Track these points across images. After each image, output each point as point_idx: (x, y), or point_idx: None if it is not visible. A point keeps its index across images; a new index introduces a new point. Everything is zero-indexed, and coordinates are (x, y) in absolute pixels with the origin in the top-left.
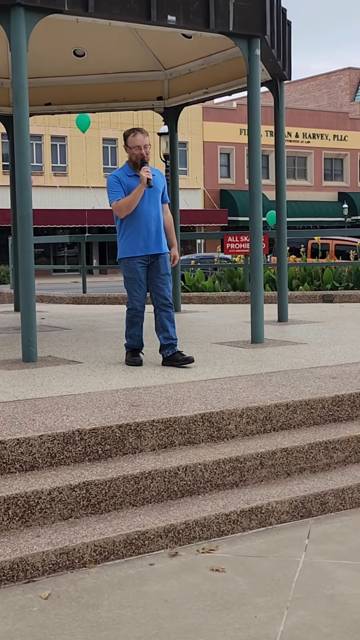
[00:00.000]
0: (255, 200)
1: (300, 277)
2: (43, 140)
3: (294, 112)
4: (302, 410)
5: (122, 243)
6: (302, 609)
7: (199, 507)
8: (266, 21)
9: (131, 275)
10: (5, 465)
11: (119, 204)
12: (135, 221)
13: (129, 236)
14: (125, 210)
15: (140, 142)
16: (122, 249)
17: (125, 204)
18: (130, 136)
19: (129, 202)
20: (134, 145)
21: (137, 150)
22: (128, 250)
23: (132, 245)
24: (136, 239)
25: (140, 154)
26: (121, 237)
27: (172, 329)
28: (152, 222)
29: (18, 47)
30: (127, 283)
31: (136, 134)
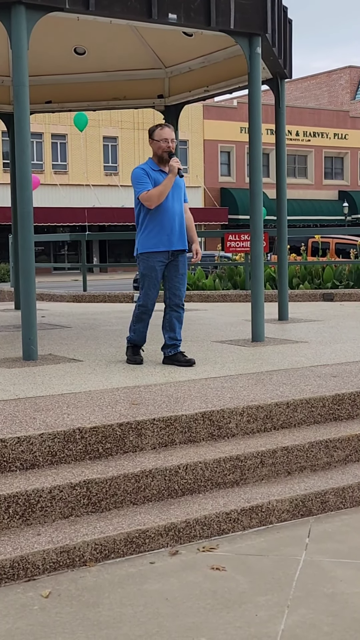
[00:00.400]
0: (255, 199)
1: (301, 276)
2: (43, 138)
3: (295, 110)
4: (302, 408)
5: (144, 237)
6: (303, 607)
7: (200, 505)
8: (267, 19)
9: (149, 273)
10: (5, 463)
11: (149, 194)
12: (160, 216)
13: (152, 230)
14: (156, 200)
15: (167, 135)
16: (144, 243)
17: (156, 193)
18: (158, 129)
19: (160, 192)
20: (161, 138)
21: (164, 142)
22: (151, 245)
23: (155, 239)
24: (160, 233)
25: (167, 147)
26: (142, 232)
27: (179, 330)
28: (176, 218)
29: (19, 45)
30: (143, 279)
31: (163, 127)
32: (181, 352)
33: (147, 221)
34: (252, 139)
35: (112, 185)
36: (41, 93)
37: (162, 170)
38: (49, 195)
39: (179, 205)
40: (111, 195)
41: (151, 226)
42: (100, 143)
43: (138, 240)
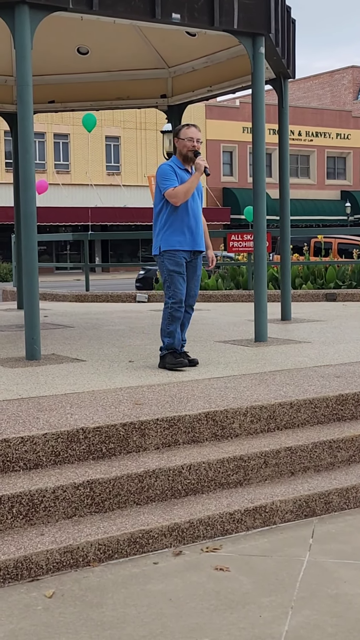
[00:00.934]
0: (258, 199)
1: (304, 276)
2: (46, 138)
3: (297, 110)
4: (306, 409)
5: (166, 235)
6: (307, 608)
7: (203, 506)
8: (271, 19)
9: (177, 269)
10: (9, 463)
11: (176, 190)
12: (184, 215)
13: (176, 229)
14: (183, 197)
15: (193, 134)
16: (167, 241)
17: (183, 190)
18: (184, 129)
19: (187, 189)
20: (186, 137)
21: (190, 141)
22: (175, 243)
23: (179, 238)
24: (184, 232)
25: (192, 145)
26: (165, 230)
27: (185, 331)
28: (197, 219)
29: (22, 44)
30: (170, 276)
31: (190, 126)
32: (185, 352)
33: (171, 220)
34: (256, 138)
35: (114, 185)
36: (44, 93)
37: (186, 170)
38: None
39: (198, 207)
40: (113, 195)
41: (176, 224)
42: (102, 143)
43: (161, 238)
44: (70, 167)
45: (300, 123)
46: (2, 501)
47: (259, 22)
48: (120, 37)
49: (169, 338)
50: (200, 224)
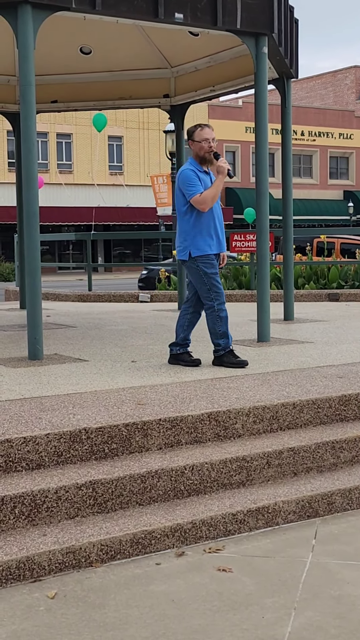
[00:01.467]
0: (261, 198)
1: (306, 276)
2: (48, 138)
3: (300, 110)
4: (308, 409)
5: (196, 241)
6: (310, 609)
7: (206, 506)
8: (274, 19)
9: (214, 271)
10: (11, 463)
11: (203, 196)
12: (210, 219)
13: (204, 233)
14: (210, 202)
15: (208, 135)
16: (198, 246)
17: (211, 196)
18: (198, 130)
19: (214, 194)
20: (202, 139)
21: (206, 143)
22: (206, 248)
23: (208, 241)
24: (211, 236)
25: (209, 147)
26: (195, 235)
27: (191, 331)
28: (221, 221)
29: (25, 44)
30: (208, 279)
31: (203, 127)
32: (188, 352)
33: (199, 224)
34: (259, 138)
35: (117, 185)
36: (47, 92)
37: (205, 171)
38: (54, 194)
39: (219, 208)
40: (116, 195)
41: (204, 229)
42: (105, 142)
43: (190, 244)
44: (73, 166)
45: (302, 123)
46: (4, 501)
47: (261, 22)
48: (123, 36)
49: (224, 339)
50: (222, 226)
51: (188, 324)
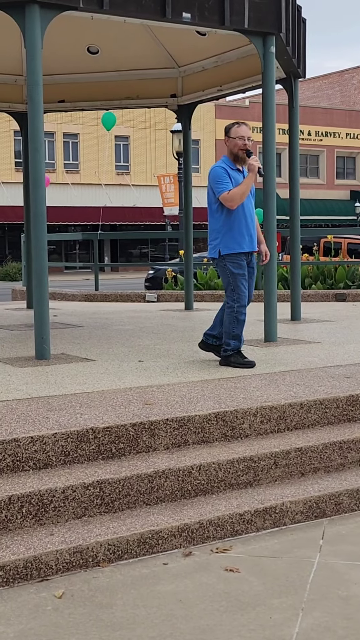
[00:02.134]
0: (269, 198)
1: (313, 276)
2: (55, 138)
3: (307, 110)
4: (316, 409)
5: (226, 239)
6: (317, 610)
7: (213, 506)
8: (281, 18)
9: (240, 271)
10: (19, 463)
11: (231, 194)
12: (241, 217)
13: (235, 232)
14: (239, 200)
15: (244, 133)
16: (227, 244)
17: (239, 193)
18: (235, 127)
19: (243, 192)
20: (237, 135)
21: (241, 140)
22: (235, 246)
23: (239, 240)
24: (243, 234)
25: (243, 144)
26: (225, 233)
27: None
28: (252, 220)
29: (33, 44)
30: (234, 279)
31: (240, 125)
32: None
33: (230, 222)
34: (266, 138)
35: (123, 185)
36: (54, 92)
37: (238, 169)
38: (60, 194)
39: (252, 206)
40: (123, 195)
41: (234, 227)
42: (112, 142)
43: (220, 242)
44: (80, 166)
45: (309, 123)
46: (11, 501)
47: (269, 22)
48: (130, 36)
49: (235, 341)
50: (255, 224)
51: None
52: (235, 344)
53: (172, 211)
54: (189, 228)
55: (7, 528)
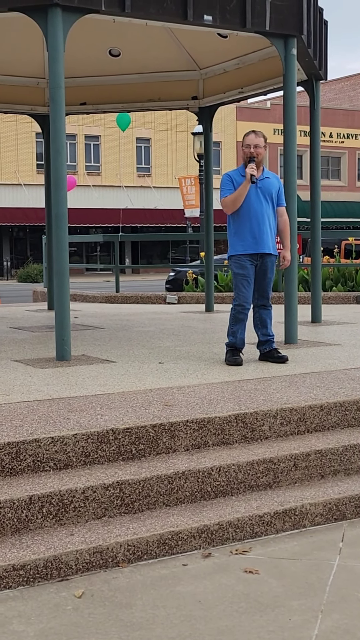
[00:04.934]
0: (289, 200)
1: (334, 278)
2: (77, 140)
3: (328, 111)
4: (336, 411)
5: (233, 241)
6: (337, 612)
7: (233, 508)
8: (303, 20)
9: (241, 272)
10: (39, 463)
11: (225, 200)
12: (247, 220)
13: (240, 234)
14: (231, 206)
15: (250, 142)
16: (233, 246)
17: (231, 199)
18: (245, 136)
19: (235, 198)
20: (245, 145)
21: (247, 148)
22: (239, 248)
23: (243, 242)
24: (247, 237)
25: (249, 152)
26: (233, 235)
27: (270, 326)
28: (263, 222)
29: (55, 47)
30: (236, 279)
31: (249, 134)
32: (275, 349)
33: (236, 225)
34: (287, 140)
35: (145, 187)
36: (76, 94)
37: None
38: (82, 196)
39: (268, 209)
40: (144, 197)
41: (239, 230)
42: (133, 144)
43: (229, 243)
44: (101, 168)
45: (331, 124)
46: (32, 501)
47: (291, 24)
48: (151, 38)
49: (232, 337)
50: (269, 227)
51: (258, 321)
52: (232, 340)
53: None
54: (209, 230)
55: (28, 528)
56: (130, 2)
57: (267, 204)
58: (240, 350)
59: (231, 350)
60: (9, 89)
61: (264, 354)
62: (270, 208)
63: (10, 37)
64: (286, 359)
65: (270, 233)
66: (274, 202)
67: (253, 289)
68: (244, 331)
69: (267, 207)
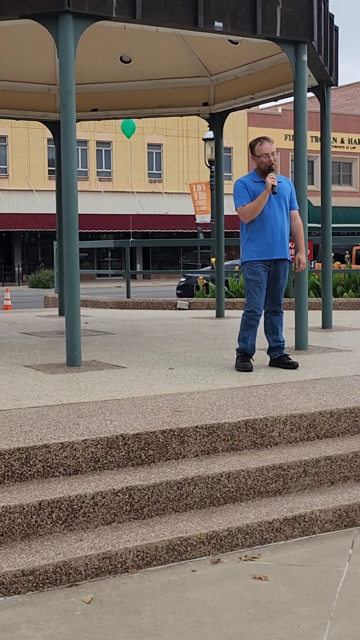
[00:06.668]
0: (301, 206)
1: (345, 284)
2: (88, 146)
3: (340, 117)
4: (346, 418)
5: (247, 247)
6: (346, 619)
7: (242, 514)
8: (313, 27)
9: (254, 278)
10: (49, 468)
11: (244, 209)
12: (261, 226)
13: (254, 240)
14: (250, 215)
15: (267, 150)
16: (247, 252)
17: (250, 209)
18: (257, 145)
19: (254, 208)
20: (261, 154)
21: (266, 158)
22: (253, 254)
23: (256, 249)
24: (261, 243)
25: (268, 162)
26: (246, 241)
27: (281, 332)
28: (277, 228)
29: (66, 54)
30: (248, 285)
31: (263, 142)
32: (286, 355)
33: (250, 231)
34: (298, 146)
35: (156, 193)
36: (87, 101)
37: (263, 182)
38: (93, 202)
39: (282, 214)
40: (155, 202)
41: (254, 236)
42: (144, 150)
43: (243, 249)
44: (113, 174)
45: (342, 130)
46: (42, 506)
47: (301, 30)
48: (162, 45)
49: (242, 343)
50: (283, 232)
51: (270, 327)
52: (242, 345)
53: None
54: (220, 236)
55: (37, 533)
56: (141, 9)
57: (280, 209)
58: (250, 356)
59: (241, 356)
60: (20, 96)
61: (275, 359)
62: (285, 213)
63: (21, 44)
64: (296, 365)
65: (284, 238)
66: (287, 206)
67: (265, 295)
68: (255, 337)
69: (281, 212)
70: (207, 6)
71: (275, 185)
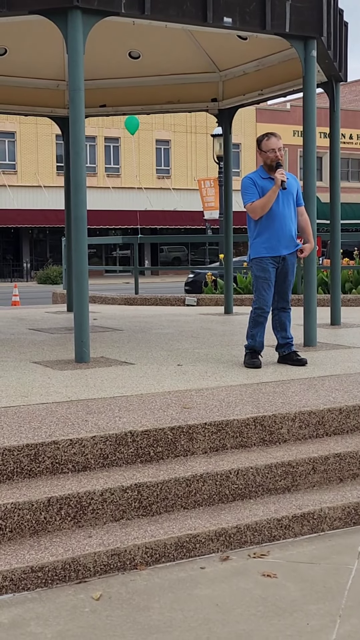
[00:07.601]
0: (309, 202)
1: (354, 280)
2: (97, 142)
3: (349, 113)
4: (355, 415)
5: (256, 243)
6: (355, 617)
7: (251, 511)
8: (323, 22)
9: (263, 275)
10: (58, 465)
11: (253, 205)
12: (270, 222)
13: (263, 237)
14: (260, 211)
15: (274, 145)
16: (255, 249)
17: (260, 205)
18: (264, 140)
19: (264, 204)
20: (268, 149)
21: (272, 153)
22: (262, 251)
23: (265, 245)
24: (270, 239)
25: (275, 157)
26: (255, 238)
27: (289, 329)
28: (286, 224)
29: (75, 49)
30: (257, 282)
31: (270, 137)
32: (294, 352)
33: (259, 228)
34: (307, 142)
35: (164, 189)
36: (96, 97)
37: (271, 178)
38: (101, 198)
39: (289, 210)
40: (163, 198)
41: (263, 232)
42: (153, 146)
43: (251, 246)
44: (121, 170)
45: (351, 126)
46: (50, 503)
47: (310, 25)
48: (171, 41)
49: (250, 340)
50: (291, 228)
51: (278, 324)
52: (251, 342)
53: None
54: (229, 232)
55: (46, 530)
56: (150, 5)
57: (289, 205)
58: (259, 353)
59: (250, 352)
60: (29, 92)
61: (283, 356)
62: (292, 208)
63: (30, 39)
64: (305, 362)
65: (292, 234)
66: (295, 202)
67: (273, 292)
68: (263, 334)
69: (289, 208)
70: (216, 1)
71: (284, 181)
